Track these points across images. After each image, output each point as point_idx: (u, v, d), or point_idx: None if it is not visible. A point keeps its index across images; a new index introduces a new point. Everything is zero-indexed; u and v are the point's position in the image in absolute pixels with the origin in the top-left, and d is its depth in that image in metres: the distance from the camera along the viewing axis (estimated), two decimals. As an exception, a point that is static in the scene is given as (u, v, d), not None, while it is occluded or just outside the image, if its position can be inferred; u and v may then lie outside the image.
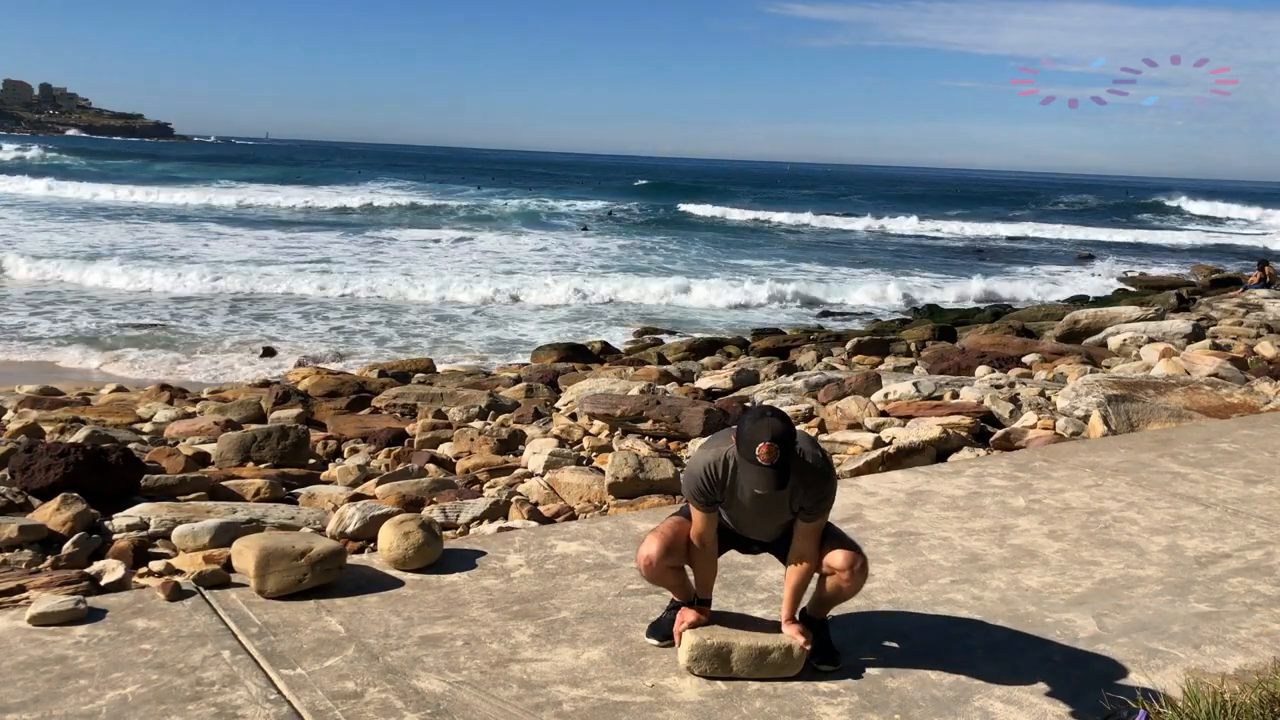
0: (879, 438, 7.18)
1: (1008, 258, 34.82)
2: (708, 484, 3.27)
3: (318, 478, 6.96)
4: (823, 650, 3.47)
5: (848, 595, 3.45)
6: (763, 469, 3.08)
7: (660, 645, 3.60)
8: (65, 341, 14.43)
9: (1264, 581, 4.38)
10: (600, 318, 19.04)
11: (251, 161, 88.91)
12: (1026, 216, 55.87)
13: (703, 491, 3.28)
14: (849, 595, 3.46)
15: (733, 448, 3.21)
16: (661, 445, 7.33)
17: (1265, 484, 5.87)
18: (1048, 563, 4.54)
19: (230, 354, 14.09)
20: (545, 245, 31.96)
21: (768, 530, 3.44)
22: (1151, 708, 3.04)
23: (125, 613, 3.78)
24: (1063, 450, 6.63)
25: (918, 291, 24.00)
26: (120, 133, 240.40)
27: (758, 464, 3.07)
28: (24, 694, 3.18)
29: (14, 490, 5.50)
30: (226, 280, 20.49)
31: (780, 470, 3.09)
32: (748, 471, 3.12)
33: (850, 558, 3.36)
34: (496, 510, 5.60)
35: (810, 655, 3.42)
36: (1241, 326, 13.85)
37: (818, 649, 3.45)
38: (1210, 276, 27.27)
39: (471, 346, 15.63)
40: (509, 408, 9.41)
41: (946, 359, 11.21)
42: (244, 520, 5.24)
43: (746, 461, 3.11)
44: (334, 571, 4.04)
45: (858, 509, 5.24)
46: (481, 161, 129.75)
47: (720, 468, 3.25)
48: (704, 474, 3.27)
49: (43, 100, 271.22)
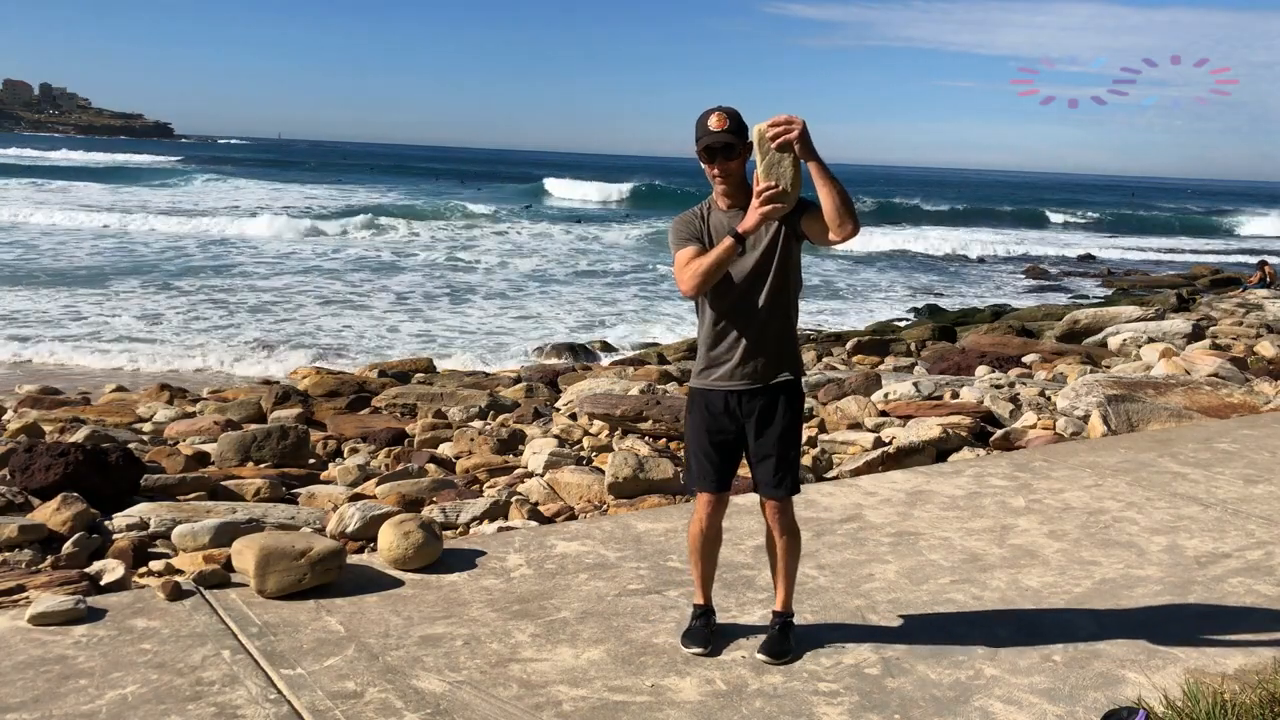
0: (879, 438, 7.18)
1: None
2: (685, 224, 3.42)
3: (318, 478, 6.96)
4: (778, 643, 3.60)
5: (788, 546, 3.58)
6: (716, 133, 3.28)
7: (705, 654, 3.56)
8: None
9: (1264, 581, 4.38)
10: (602, 317, 19.05)
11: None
12: (1069, 228, 51.05)
13: (684, 230, 3.40)
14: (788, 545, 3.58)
15: (703, 202, 3.47)
16: (661, 445, 7.32)
17: (1265, 484, 5.87)
18: (1048, 563, 4.54)
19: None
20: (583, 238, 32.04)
21: (760, 259, 3.38)
22: (1151, 708, 3.05)
23: (125, 612, 3.78)
24: (1063, 450, 6.63)
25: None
26: (120, 132, 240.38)
27: (711, 132, 3.28)
28: (24, 694, 3.17)
29: (14, 490, 5.50)
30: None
31: (731, 132, 3.28)
32: (703, 139, 3.29)
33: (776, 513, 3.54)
34: (496, 510, 5.60)
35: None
36: (1241, 326, 13.85)
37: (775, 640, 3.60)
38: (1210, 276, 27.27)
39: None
40: (509, 408, 9.41)
41: (946, 359, 11.22)
42: (244, 520, 5.24)
43: (703, 136, 3.29)
44: (334, 571, 4.04)
45: (858, 509, 5.24)
46: (483, 161, 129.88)
47: (696, 211, 3.46)
48: (681, 217, 3.46)
49: (43, 100, 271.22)
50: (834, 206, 3.14)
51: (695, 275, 3.26)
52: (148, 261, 23.59)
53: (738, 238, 3.22)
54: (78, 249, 25.40)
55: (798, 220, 3.29)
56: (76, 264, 22.64)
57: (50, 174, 56.14)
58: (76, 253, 24.66)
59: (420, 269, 24.59)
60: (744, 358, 3.40)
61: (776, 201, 3.15)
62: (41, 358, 13.18)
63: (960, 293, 24.79)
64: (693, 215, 3.42)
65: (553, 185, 61.94)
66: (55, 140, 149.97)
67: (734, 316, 3.39)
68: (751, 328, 3.39)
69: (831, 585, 4.24)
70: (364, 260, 25.90)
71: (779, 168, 3.15)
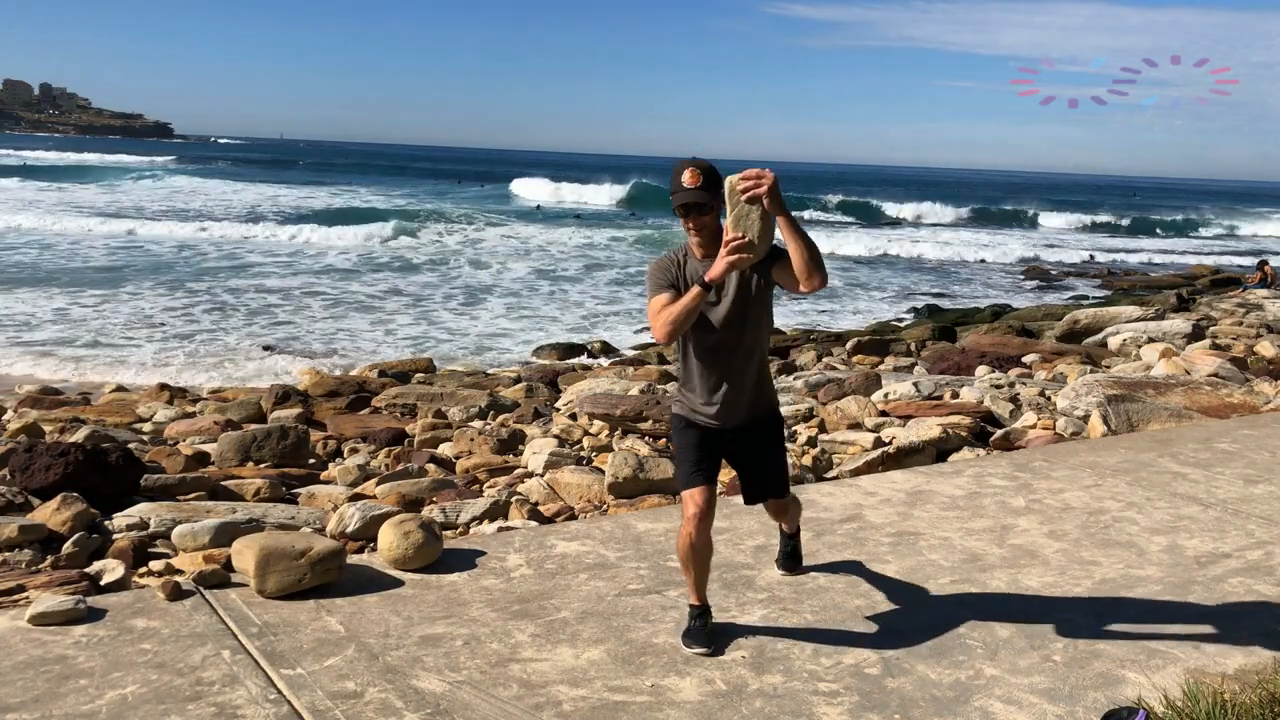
0: (879, 438, 7.18)
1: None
2: (662, 271, 3.53)
3: (318, 477, 6.96)
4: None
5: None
6: (690, 190, 3.38)
7: (705, 654, 3.57)
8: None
9: (1264, 581, 4.38)
10: (601, 317, 19.05)
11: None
12: (1069, 228, 50.13)
13: (660, 276, 3.52)
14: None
15: (681, 245, 3.59)
16: (661, 445, 7.32)
17: (1265, 484, 5.87)
18: (1048, 563, 4.54)
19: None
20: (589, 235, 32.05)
21: (732, 306, 3.52)
22: (1151, 708, 3.05)
23: (125, 612, 3.78)
24: (1063, 450, 6.63)
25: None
26: (120, 132, 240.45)
27: (685, 189, 3.39)
28: (24, 694, 3.17)
29: (14, 490, 5.50)
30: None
31: (704, 189, 3.38)
32: (678, 196, 3.40)
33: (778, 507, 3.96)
34: (496, 510, 5.60)
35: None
36: (1241, 326, 13.85)
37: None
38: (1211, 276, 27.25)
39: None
40: (509, 408, 9.41)
41: (946, 359, 11.22)
42: (244, 520, 5.24)
43: (678, 192, 3.40)
44: (334, 571, 4.04)
45: (858, 509, 5.24)
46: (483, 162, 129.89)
47: (672, 258, 3.57)
48: (658, 263, 3.58)
49: (43, 100, 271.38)
50: (803, 261, 3.28)
51: (666, 322, 3.40)
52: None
53: (705, 286, 3.36)
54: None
55: (769, 269, 3.44)
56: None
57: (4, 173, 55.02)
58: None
59: (420, 270, 24.59)
60: (722, 400, 3.59)
61: (743, 252, 3.28)
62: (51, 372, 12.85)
63: (960, 293, 24.78)
64: (669, 262, 3.55)
65: (554, 188, 61.82)
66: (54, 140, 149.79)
67: (711, 361, 3.57)
68: (729, 371, 3.57)
69: (831, 585, 4.24)
70: (361, 261, 25.89)
71: (747, 220, 3.28)
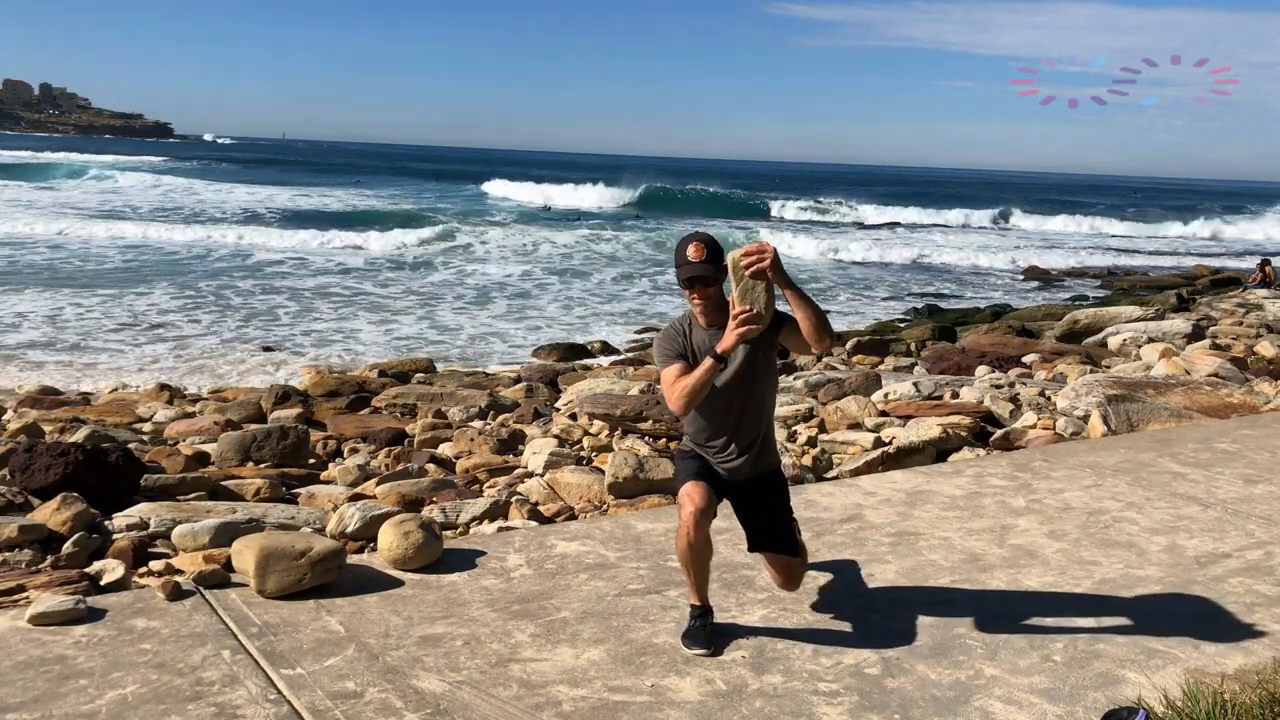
0: (879, 438, 7.18)
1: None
2: (670, 341, 3.61)
3: (318, 478, 6.96)
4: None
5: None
6: (695, 264, 3.50)
7: (705, 654, 3.57)
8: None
9: (1264, 581, 4.38)
10: (601, 317, 19.05)
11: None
12: (1068, 228, 49.15)
13: (669, 347, 3.59)
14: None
15: (684, 314, 3.68)
16: (661, 445, 7.32)
17: (1265, 484, 5.87)
18: (1048, 563, 4.54)
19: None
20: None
21: (738, 370, 3.59)
22: (1151, 708, 3.04)
23: (125, 613, 3.78)
24: (1062, 450, 6.63)
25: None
26: (120, 132, 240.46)
27: (690, 263, 3.50)
28: (24, 694, 3.17)
29: (14, 490, 5.50)
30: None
31: (708, 262, 3.49)
32: (683, 270, 3.51)
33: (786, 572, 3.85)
34: (496, 510, 5.59)
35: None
36: (1241, 326, 13.85)
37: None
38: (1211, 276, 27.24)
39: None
40: (509, 408, 9.41)
41: (946, 359, 11.22)
42: (244, 520, 5.24)
43: (683, 266, 3.52)
44: (334, 571, 4.04)
45: (858, 509, 5.24)
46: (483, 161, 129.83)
47: (678, 328, 3.65)
48: (665, 334, 3.67)
49: (43, 100, 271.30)
50: (811, 327, 3.40)
51: (682, 395, 3.47)
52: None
53: (717, 358, 3.44)
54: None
55: (775, 335, 3.54)
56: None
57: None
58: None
59: (420, 270, 24.60)
60: (728, 457, 3.68)
61: (752, 324, 3.38)
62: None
63: (960, 293, 24.78)
64: (675, 332, 3.65)
65: (554, 190, 61.68)
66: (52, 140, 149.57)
67: (718, 421, 3.65)
68: (735, 431, 3.66)
69: (831, 585, 4.24)
70: (362, 261, 25.90)
71: (753, 293, 3.39)
